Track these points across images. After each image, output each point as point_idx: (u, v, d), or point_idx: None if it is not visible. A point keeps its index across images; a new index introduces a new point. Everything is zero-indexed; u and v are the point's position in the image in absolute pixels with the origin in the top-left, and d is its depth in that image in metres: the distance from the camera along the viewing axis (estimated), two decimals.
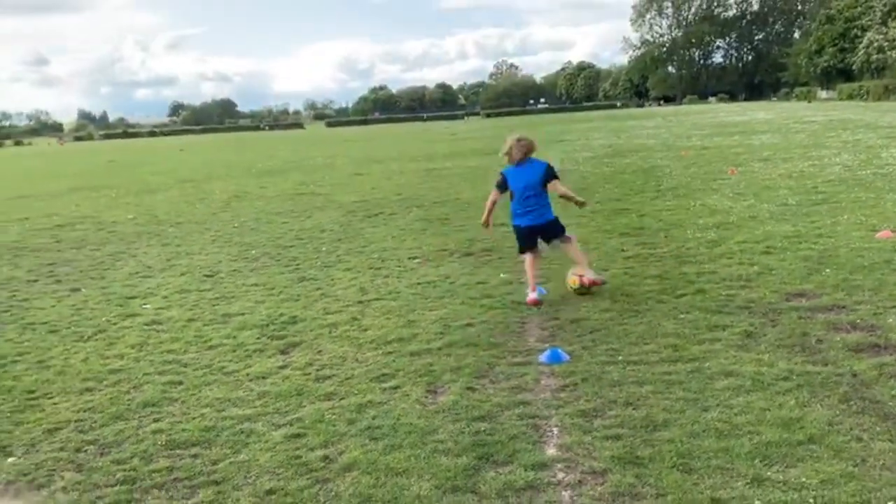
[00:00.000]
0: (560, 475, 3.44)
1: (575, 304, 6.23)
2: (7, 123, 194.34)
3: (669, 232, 9.18)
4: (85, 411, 4.54)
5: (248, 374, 5.03)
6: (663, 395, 4.23)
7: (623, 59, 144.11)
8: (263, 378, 4.94)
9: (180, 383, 4.95)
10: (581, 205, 6.95)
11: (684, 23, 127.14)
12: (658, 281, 6.82)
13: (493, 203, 6.69)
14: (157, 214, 14.43)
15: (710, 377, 4.47)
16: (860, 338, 4.96)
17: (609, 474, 3.41)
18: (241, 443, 3.96)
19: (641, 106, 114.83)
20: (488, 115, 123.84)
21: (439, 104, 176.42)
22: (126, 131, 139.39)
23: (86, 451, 3.99)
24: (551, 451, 3.67)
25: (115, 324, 6.57)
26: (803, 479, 3.25)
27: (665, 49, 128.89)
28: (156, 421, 4.34)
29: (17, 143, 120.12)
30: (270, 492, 3.42)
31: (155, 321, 6.57)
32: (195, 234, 11.68)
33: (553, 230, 6.69)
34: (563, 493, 3.29)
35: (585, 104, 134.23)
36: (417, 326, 5.86)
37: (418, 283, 7.32)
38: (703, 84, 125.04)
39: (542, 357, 4.97)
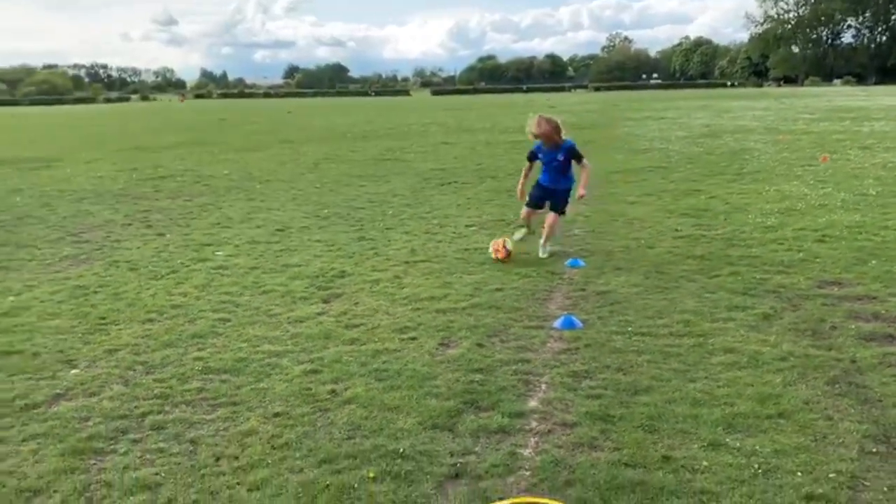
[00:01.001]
0: (533, 424, 3.76)
1: (606, 277, 6.44)
2: (136, 79, 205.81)
3: (731, 215, 9.13)
4: (142, 338, 5.18)
5: (288, 318, 5.56)
6: (656, 365, 4.45)
7: (744, 36, 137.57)
8: (300, 322, 5.46)
9: (228, 321, 5.53)
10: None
11: None
12: (698, 261, 6.91)
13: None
14: (251, 171, 15.32)
15: (709, 352, 4.64)
16: (876, 327, 4.98)
17: (577, 427, 3.70)
18: (265, 374, 4.48)
19: (760, 86, 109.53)
20: (597, 89, 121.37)
21: (547, 75, 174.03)
22: (242, 91, 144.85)
23: (135, 370, 4.60)
24: (532, 404, 3.99)
25: (187, 266, 7.27)
26: (757, 448, 3.45)
27: (790, 26, 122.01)
28: (199, 350, 4.92)
29: (144, 98, 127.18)
30: (277, 414, 3.91)
31: (222, 266, 7.23)
32: (279, 191, 12.42)
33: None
34: (531, 439, 3.61)
35: (700, 81, 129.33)
36: (451, 287, 6.23)
37: (465, 249, 7.67)
38: (828, 65, 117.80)
39: (557, 323, 5.25)
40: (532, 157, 7.39)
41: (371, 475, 3.28)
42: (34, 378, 4.49)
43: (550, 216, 7.28)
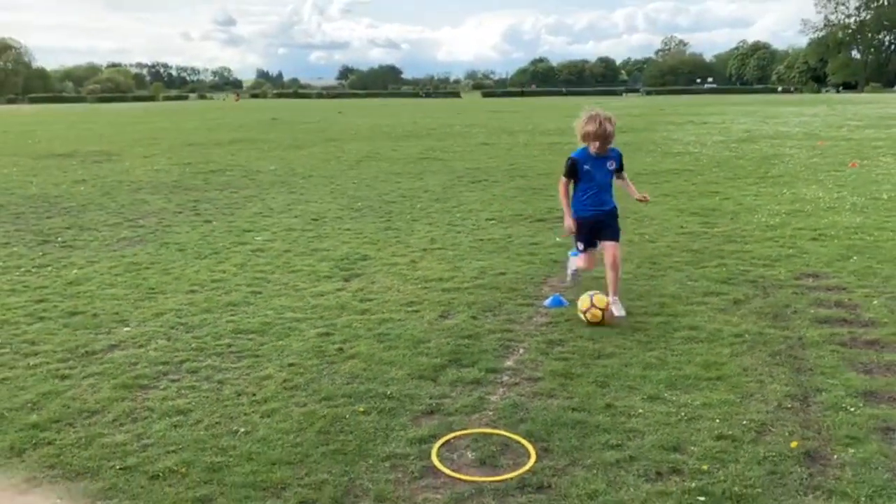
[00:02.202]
0: (504, 378, 4.43)
1: (602, 266, 7.03)
2: (195, 78, 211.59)
3: (738, 215, 9.60)
4: (185, 305, 5.99)
5: (311, 293, 6.32)
6: (624, 337, 5.06)
7: (804, 41, 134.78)
8: (321, 296, 6.21)
9: (259, 293, 6.32)
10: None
11: (875, 3, 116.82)
12: (692, 254, 7.45)
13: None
14: (295, 168, 16.24)
15: (674, 329, 5.23)
16: (833, 313, 5.50)
17: (541, 381, 4.36)
18: (285, 334, 5.23)
19: (818, 91, 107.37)
20: (648, 93, 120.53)
21: (599, 79, 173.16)
22: (297, 91, 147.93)
23: (176, 329, 5.41)
24: (508, 363, 4.65)
25: (228, 249, 8.11)
26: (688, 400, 4.05)
27: (850, 31, 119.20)
28: (231, 315, 5.71)
29: (201, 97, 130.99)
30: (291, 364, 4.65)
31: (259, 249, 8.05)
32: (319, 186, 13.26)
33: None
34: (500, 389, 4.28)
35: (756, 87, 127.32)
36: (459, 271, 6.92)
37: (480, 240, 8.35)
38: (891, 71, 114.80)
39: (546, 301, 5.89)
40: (573, 172, 5.54)
41: (361, 409, 3.99)
42: (93, 333, 5.33)
43: (609, 252, 5.54)
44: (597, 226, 5.62)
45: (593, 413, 3.93)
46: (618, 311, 5.43)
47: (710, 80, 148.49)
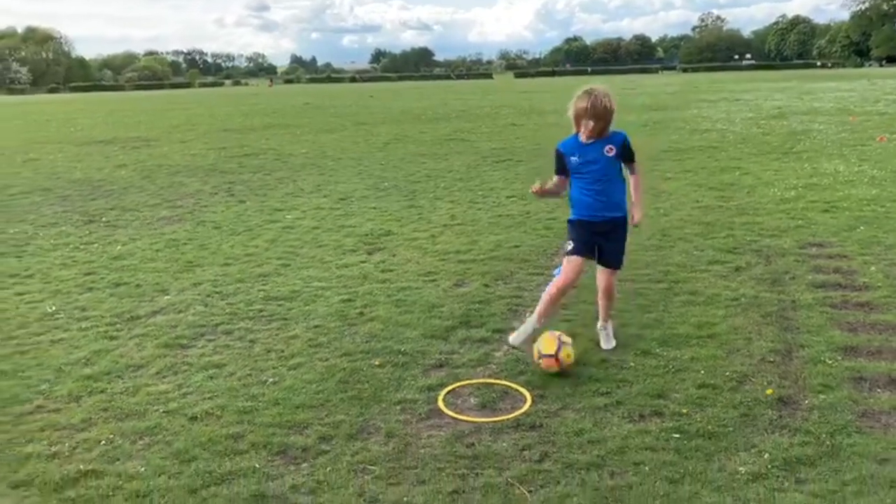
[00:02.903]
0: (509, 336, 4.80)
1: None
2: (230, 64, 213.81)
3: (755, 189, 9.80)
4: (220, 276, 6.47)
5: (336, 265, 6.75)
6: (625, 301, 5.39)
7: (845, 15, 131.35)
8: (346, 267, 6.64)
9: (289, 265, 6.77)
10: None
11: None
12: (703, 227, 7.71)
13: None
14: (325, 151, 16.70)
15: (675, 293, 5.55)
16: (830, 278, 5.76)
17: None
18: (311, 301, 5.67)
19: (860, 66, 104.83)
20: (684, 70, 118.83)
21: (635, 57, 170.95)
22: (330, 76, 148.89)
23: (212, 296, 5.88)
24: (514, 324, 5.02)
25: (260, 226, 8.59)
26: (677, 355, 4.39)
27: (894, 3, 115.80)
28: (263, 285, 6.17)
29: (236, 83, 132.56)
30: (316, 326, 5.09)
31: (289, 226, 8.51)
32: (348, 168, 13.70)
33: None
34: (504, 347, 4.64)
35: (796, 62, 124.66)
36: (476, 245, 7.29)
37: (499, 216, 8.71)
38: None
39: (555, 270, 6.23)
40: (560, 167, 4.51)
41: (377, 363, 4.40)
42: (137, 300, 5.84)
43: (603, 278, 4.63)
44: (597, 237, 4.46)
45: (588, 366, 4.29)
46: (606, 342, 4.55)
47: (748, 56, 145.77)
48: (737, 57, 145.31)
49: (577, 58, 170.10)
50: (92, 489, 3.15)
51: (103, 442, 3.56)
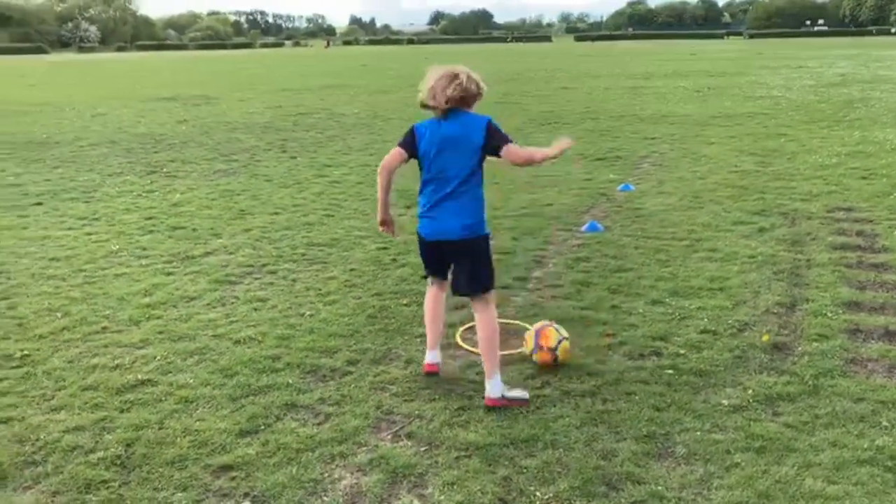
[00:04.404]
0: (530, 285, 5.15)
1: (646, 199, 7.58)
2: (290, 25, 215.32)
3: (797, 156, 9.82)
4: (269, 224, 6.95)
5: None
6: (645, 256, 5.67)
7: None
8: None
9: (332, 216, 7.21)
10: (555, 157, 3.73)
11: None
12: (737, 190, 7.86)
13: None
14: (377, 111, 17.09)
15: (695, 250, 5.79)
16: (850, 241, 5.91)
17: (560, 288, 5.05)
18: (350, 247, 6.10)
19: None
20: (752, 36, 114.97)
21: (700, 21, 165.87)
22: (388, 38, 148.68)
23: (261, 241, 6.36)
24: (535, 274, 5.36)
25: (309, 180, 9.05)
26: (685, 305, 4.67)
27: None
28: (307, 232, 6.62)
29: (296, 44, 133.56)
30: (352, 269, 5.52)
31: (335, 181, 8.95)
32: (396, 128, 14.05)
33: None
34: (523, 293, 5.00)
35: (870, 28, 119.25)
36: (510, 202, 7.60)
37: (537, 175, 8.95)
38: None
39: (583, 227, 6.52)
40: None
41: (404, 303, 4.80)
42: (193, 243, 6.35)
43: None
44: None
45: (599, 311, 4.61)
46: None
47: (820, 21, 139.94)
48: (808, 23, 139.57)
49: (639, 22, 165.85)
50: (147, 394, 3.64)
51: (158, 358, 4.05)
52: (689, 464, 3.00)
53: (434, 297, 3.88)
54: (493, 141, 3.68)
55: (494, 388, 3.49)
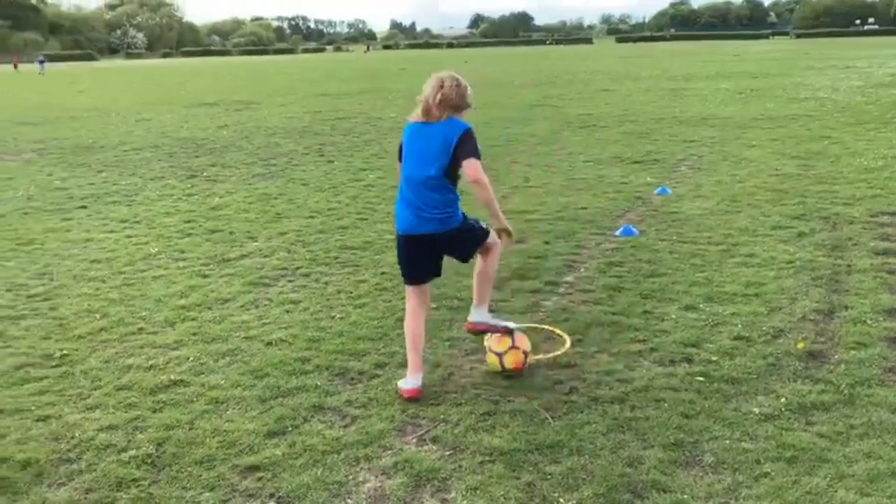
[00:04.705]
0: (561, 290, 5.11)
1: (683, 203, 7.47)
2: (331, 31, 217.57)
3: (840, 159, 9.59)
4: (304, 227, 7.02)
5: None
6: (680, 261, 5.59)
7: None
8: None
9: (366, 219, 7.27)
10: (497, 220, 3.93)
11: None
12: (776, 193, 7.71)
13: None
14: None
15: (731, 256, 5.69)
16: (894, 246, 5.75)
17: (592, 293, 5.01)
18: (382, 251, 6.13)
19: None
20: (798, 36, 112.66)
21: (745, 21, 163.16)
22: (428, 42, 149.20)
23: (296, 244, 6.44)
24: (567, 278, 5.33)
25: (344, 184, 9.13)
26: (719, 311, 4.59)
27: None
28: (341, 236, 6.68)
29: (337, 49, 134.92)
30: (383, 273, 5.55)
31: (370, 185, 9.01)
32: None
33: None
34: (553, 297, 4.97)
35: None
36: (544, 206, 7.56)
37: (572, 178, 8.92)
38: None
39: (618, 231, 6.46)
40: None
41: (434, 307, 4.79)
42: (229, 245, 6.45)
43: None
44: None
45: (630, 317, 4.56)
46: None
47: (871, 20, 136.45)
48: (858, 22, 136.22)
49: (682, 22, 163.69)
50: (179, 395, 3.71)
51: (191, 359, 4.12)
52: (716, 473, 2.95)
53: (414, 312, 3.79)
54: (463, 146, 3.74)
55: (478, 314, 3.88)
